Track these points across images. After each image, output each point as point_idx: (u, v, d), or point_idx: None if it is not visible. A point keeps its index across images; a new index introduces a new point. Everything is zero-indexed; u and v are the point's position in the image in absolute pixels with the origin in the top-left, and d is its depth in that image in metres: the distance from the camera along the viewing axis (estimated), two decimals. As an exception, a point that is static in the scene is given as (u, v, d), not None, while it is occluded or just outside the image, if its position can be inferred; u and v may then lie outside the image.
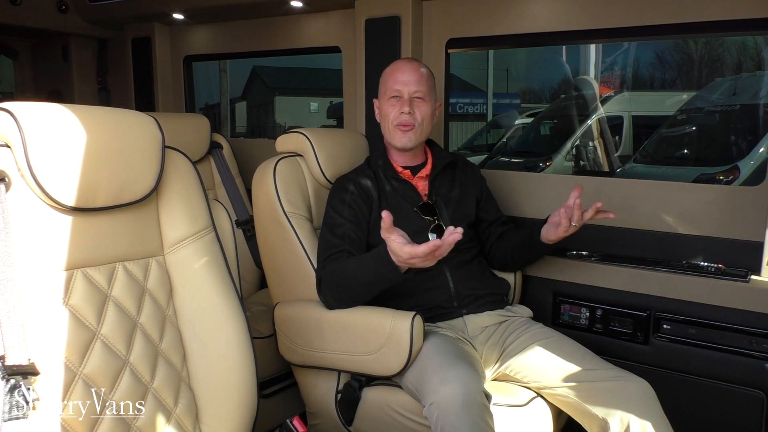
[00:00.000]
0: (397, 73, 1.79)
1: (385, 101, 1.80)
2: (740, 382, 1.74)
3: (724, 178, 4.26)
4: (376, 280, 1.51)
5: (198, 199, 1.30)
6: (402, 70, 1.79)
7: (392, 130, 1.78)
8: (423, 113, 1.78)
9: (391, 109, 1.78)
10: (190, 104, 3.11)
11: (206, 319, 1.25)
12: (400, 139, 1.77)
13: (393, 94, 1.78)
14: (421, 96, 1.77)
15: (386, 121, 1.80)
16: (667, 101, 6.73)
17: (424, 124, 1.78)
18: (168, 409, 1.18)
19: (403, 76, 1.78)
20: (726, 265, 1.80)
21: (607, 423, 1.41)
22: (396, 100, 1.78)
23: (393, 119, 1.77)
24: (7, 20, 2.80)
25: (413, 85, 1.77)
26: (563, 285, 2.01)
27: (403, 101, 1.76)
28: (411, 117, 1.76)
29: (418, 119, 1.77)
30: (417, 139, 1.78)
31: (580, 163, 5.91)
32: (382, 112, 1.82)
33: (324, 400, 1.73)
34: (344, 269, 1.58)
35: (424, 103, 1.78)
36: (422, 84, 1.78)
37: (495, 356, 1.67)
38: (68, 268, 1.08)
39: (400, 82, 1.77)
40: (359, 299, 1.59)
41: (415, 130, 1.77)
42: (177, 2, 2.68)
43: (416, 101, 1.77)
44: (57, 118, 1.06)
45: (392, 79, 1.79)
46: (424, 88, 1.78)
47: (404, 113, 1.75)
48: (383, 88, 1.83)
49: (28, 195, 1.05)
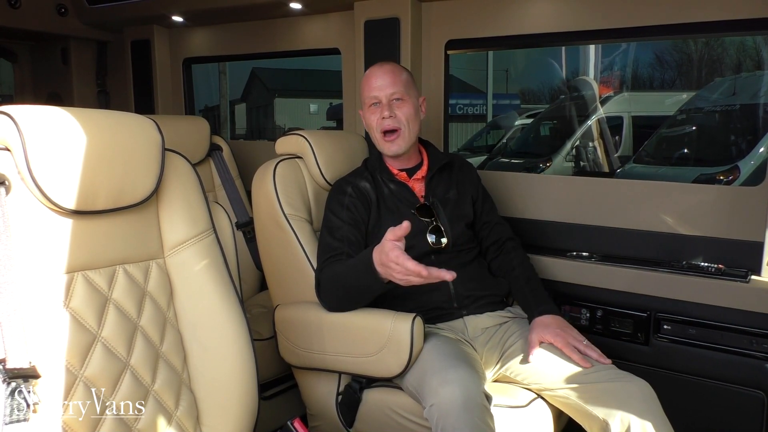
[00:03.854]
0: (372, 80, 1.78)
1: (367, 110, 1.80)
2: (740, 382, 1.74)
3: (724, 178, 4.26)
4: (361, 285, 1.51)
5: (198, 201, 1.30)
6: (375, 75, 1.79)
7: (380, 139, 1.79)
8: (406, 113, 1.76)
9: (373, 116, 1.78)
10: (190, 106, 3.11)
11: (207, 321, 1.25)
12: (389, 148, 1.77)
13: (371, 101, 1.78)
14: (399, 96, 1.77)
15: (372, 130, 1.80)
16: (667, 101, 6.73)
17: (409, 124, 1.77)
18: (169, 411, 1.18)
19: (377, 81, 1.77)
20: (726, 265, 1.80)
21: (607, 424, 1.41)
22: (376, 107, 1.77)
23: (377, 126, 1.77)
24: (7, 23, 2.80)
25: (389, 87, 1.76)
26: (563, 286, 2.00)
27: (382, 106, 1.76)
28: (394, 120, 1.75)
29: (402, 120, 1.76)
30: (406, 143, 1.78)
31: (580, 163, 5.91)
32: (366, 122, 1.82)
33: (324, 402, 1.73)
34: (338, 273, 1.58)
35: (405, 103, 1.77)
36: (398, 84, 1.77)
37: (495, 357, 1.67)
38: (69, 271, 1.09)
39: (375, 88, 1.77)
40: (354, 303, 1.59)
41: (401, 133, 1.76)
42: (176, 5, 2.68)
43: (395, 103, 1.76)
44: (57, 121, 1.06)
45: (368, 87, 1.79)
46: (400, 88, 1.77)
47: (385, 117, 1.75)
48: (363, 99, 1.83)
49: (29, 198, 1.05)
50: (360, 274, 1.49)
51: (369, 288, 1.50)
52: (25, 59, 3.50)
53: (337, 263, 1.61)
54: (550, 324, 1.61)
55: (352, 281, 1.54)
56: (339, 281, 1.58)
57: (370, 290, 1.51)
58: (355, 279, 1.52)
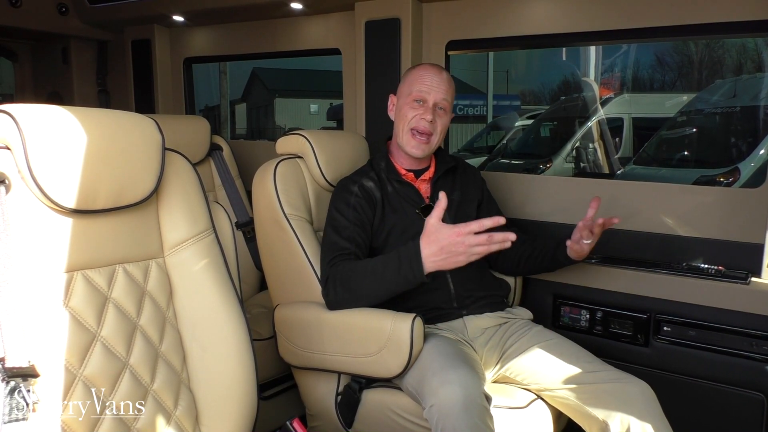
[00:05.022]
0: (426, 77, 1.74)
1: (407, 102, 1.75)
2: (740, 384, 1.74)
3: (725, 180, 4.26)
4: (395, 279, 1.50)
5: (198, 201, 1.30)
6: (431, 74, 1.75)
7: (407, 133, 1.75)
8: (443, 125, 1.76)
9: (412, 111, 1.74)
10: (190, 106, 3.11)
11: (206, 321, 1.25)
12: (416, 146, 1.74)
13: (417, 96, 1.73)
14: (445, 107, 1.75)
15: (403, 122, 1.76)
16: (668, 103, 6.73)
17: (440, 136, 1.77)
18: (168, 411, 1.18)
19: (432, 80, 1.73)
20: (726, 267, 1.80)
21: (607, 425, 1.41)
22: (419, 104, 1.73)
23: (411, 122, 1.74)
24: (7, 22, 2.80)
25: (441, 93, 1.73)
26: (563, 287, 2.01)
27: (426, 107, 1.73)
28: (431, 126, 1.73)
29: (438, 129, 1.75)
30: (430, 150, 1.77)
31: (581, 165, 5.92)
32: (399, 112, 1.78)
33: (324, 402, 1.73)
34: (360, 267, 1.56)
35: (446, 115, 1.77)
36: (449, 93, 1.76)
37: (495, 358, 1.67)
38: (68, 270, 1.08)
39: (427, 85, 1.73)
40: (368, 299, 1.57)
41: (430, 141, 1.74)
42: (177, 4, 2.68)
43: (439, 111, 1.75)
44: (57, 120, 1.06)
45: (420, 80, 1.74)
46: (449, 98, 1.76)
47: (426, 119, 1.72)
48: (407, 88, 1.77)
49: (29, 197, 1.05)
50: (398, 269, 1.49)
51: (403, 283, 1.50)
52: (25, 58, 3.50)
53: (351, 262, 1.60)
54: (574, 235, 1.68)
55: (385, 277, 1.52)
56: (360, 275, 1.56)
57: (403, 285, 1.51)
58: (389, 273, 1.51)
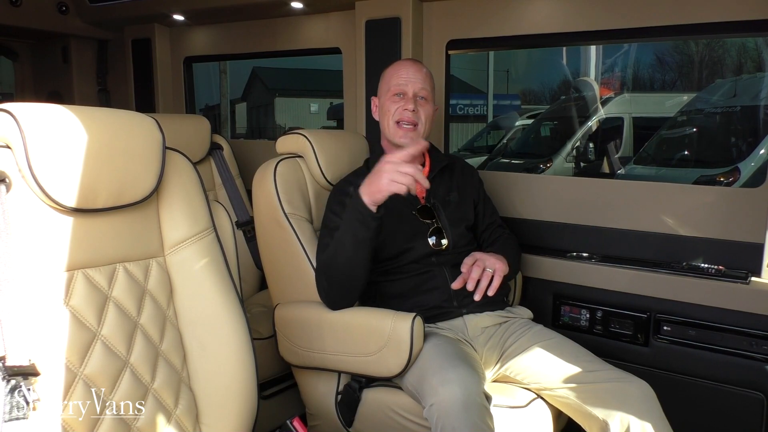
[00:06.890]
0: (401, 71, 1.78)
1: (387, 98, 1.78)
2: (740, 383, 1.74)
3: (725, 179, 4.26)
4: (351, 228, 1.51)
5: (198, 200, 1.30)
6: (406, 67, 1.79)
7: (393, 127, 1.77)
8: (426, 113, 1.77)
9: (394, 105, 1.76)
10: (190, 105, 3.11)
11: (206, 320, 1.25)
12: (402, 137, 1.75)
13: (396, 90, 1.77)
14: (425, 96, 1.77)
15: (387, 118, 1.78)
16: (668, 103, 6.73)
17: (426, 125, 1.77)
18: (168, 410, 1.18)
19: (407, 73, 1.77)
20: (726, 266, 1.80)
21: (607, 424, 1.41)
22: (399, 97, 1.76)
23: (395, 115, 1.76)
24: (7, 21, 2.80)
25: (419, 83, 1.76)
26: (563, 286, 2.01)
27: (407, 99, 1.75)
28: (414, 115, 1.75)
29: (422, 118, 1.76)
30: (418, 137, 1.76)
31: (580, 164, 5.92)
32: (382, 109, 1.80)
33: (324, 402, 1.73)
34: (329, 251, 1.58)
35: (427, 104, 1.78)
36: (427, 83, 1.78)
37: (495, 357, 1.67)
38: (69, 269, 1.08)
39: (404, 78, 1.76)
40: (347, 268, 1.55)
41: (417, 129, 1.76)
42: (177, 3, 2.68)
43: (420, 101, 1.77)
44: (57, 119, 1.06)
45: (396, 75, 1.78)
46: (428, 87, 1.78)
47: (408, 110, 1.74)
48: (385, 86, 1.81)
49: (29, 196, 1.05)
50: (348, 226, 1.51)
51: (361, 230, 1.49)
52: (25, 57, 3.50)
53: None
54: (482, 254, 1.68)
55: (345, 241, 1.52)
56: (333, 257, 1.56)
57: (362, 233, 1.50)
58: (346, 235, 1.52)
